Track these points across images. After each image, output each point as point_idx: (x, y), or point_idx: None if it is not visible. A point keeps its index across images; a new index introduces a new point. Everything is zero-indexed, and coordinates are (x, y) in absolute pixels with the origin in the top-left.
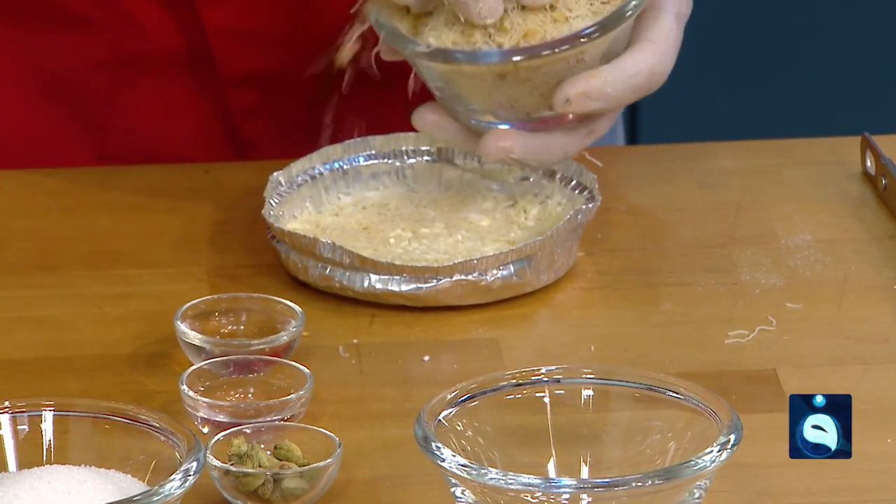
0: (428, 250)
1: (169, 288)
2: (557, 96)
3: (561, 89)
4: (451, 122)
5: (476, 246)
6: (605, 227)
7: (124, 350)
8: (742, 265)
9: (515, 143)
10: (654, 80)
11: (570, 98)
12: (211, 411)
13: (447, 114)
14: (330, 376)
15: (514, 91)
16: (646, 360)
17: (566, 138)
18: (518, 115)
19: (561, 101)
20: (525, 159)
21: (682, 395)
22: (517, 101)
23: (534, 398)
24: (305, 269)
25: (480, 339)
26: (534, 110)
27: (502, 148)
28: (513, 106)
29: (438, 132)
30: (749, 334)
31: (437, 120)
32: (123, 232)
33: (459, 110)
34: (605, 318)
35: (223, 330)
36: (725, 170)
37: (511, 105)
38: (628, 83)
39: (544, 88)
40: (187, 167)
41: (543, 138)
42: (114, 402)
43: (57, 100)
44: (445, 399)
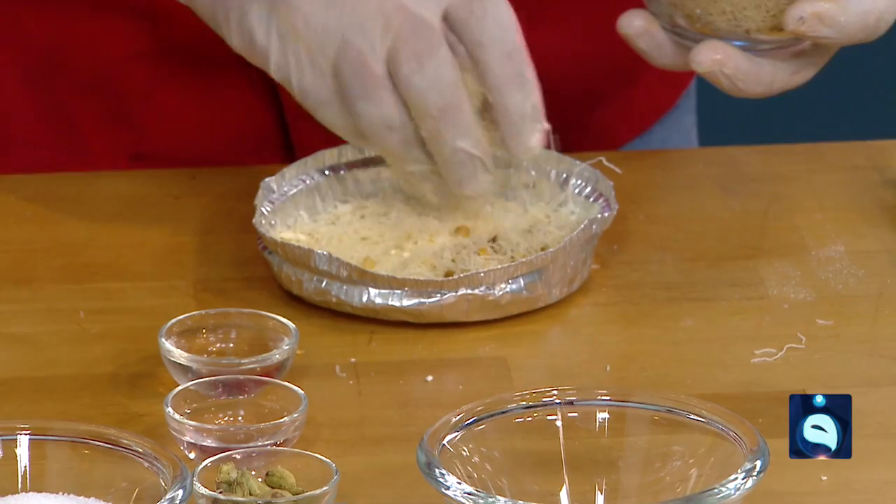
0: (431, 262)
1: (153, 303)
2: (791, 13)
3: (797, 5)
4: (660, 31)
5: (483, 258)
6: (622, 238)
7: (105, 370)
8: (769, 279)
9: (729, 57)
10: (879, 25)
11: (804, 17)
12: (198, 435)
13: (656, 23)
14: (326, 398)
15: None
16: (665, 381)
17: (775, 69)
18: (737, 30)
19: (794, 19)
20: (733, 78)
21: (705, 418)
22: (742, 12)
23: (545, 421)
24: (300, 283)
25: (488, 358)
26: (755, 28)
27: (716, 60)
28: (736, 17)
29: (644, 41)
30: (777, 353)
31: (647, 27)
32: (104, 242)
33: (675, 17)
34: (621, 336)
35: (211, 348)
36: (752, 176)
37: (734, 15)
38: (861, 18)
39: (773, 4)
40: (173, 172)
41: (756, 62)
42: (94, 425)
43: (90, 92)
44: (450, 422)
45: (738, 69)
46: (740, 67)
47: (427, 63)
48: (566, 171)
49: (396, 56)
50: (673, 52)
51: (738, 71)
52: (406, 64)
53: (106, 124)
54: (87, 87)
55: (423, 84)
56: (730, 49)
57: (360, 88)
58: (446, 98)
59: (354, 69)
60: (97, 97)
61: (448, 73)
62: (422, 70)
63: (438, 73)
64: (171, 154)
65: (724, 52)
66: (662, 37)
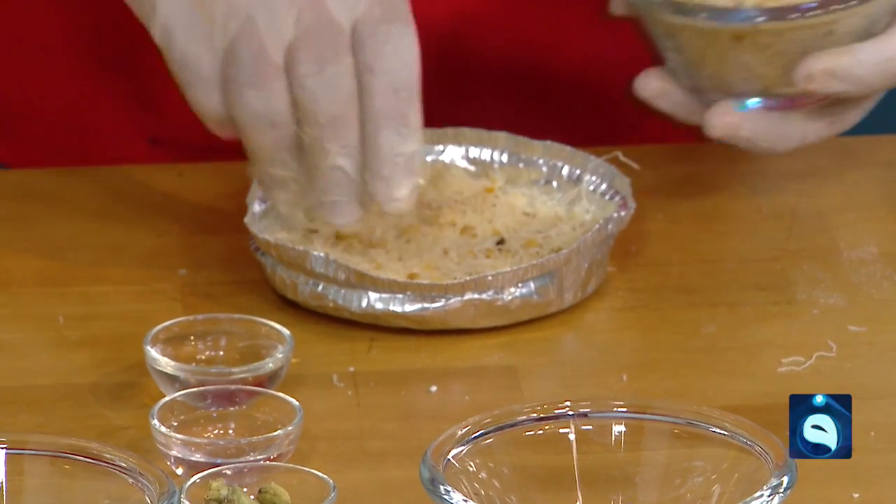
0: (435, 265)
1: (137, 308)
2: (799, 70)
3: (805, 63)
4: (677, 90)
5: (491, 260)
6: (640, 239)
7: (86, 379)
8: (798, 282)
9: (745, 119)
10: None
11: (813, 74)
12: (186, 449)
13: (674, 81)
14: (322, 409)
15: (752, 58)
16: (686, 391)
17: (805, 123)
18: (753, 88)
19: (802, 77)
20: (754, 140)
21: (728, 431)
22: (753, 71)
23: (557, 435)
24: (294, 286)
25: (496, 367)
26: (771, 84)
27: (730, 123)
28: (748, 77)
29: (664, 102)
30: (806, 361)
31: (663, 87)
32: (84, 243)
33: (688, 78)
34: (639, 343)
35: (200, 356)
36: (779, 172)
37: (746, 75)
38: (881, 68)
39: (786, 60)
40: (160, 168)
41: (779, 119)
42: (74, 438)
43: (109, 71)
44: (455, 436)
45: (757, 130)
46: (760, 127)
47: (328, 67)
48: (580, 167)
49: (298, 52)
50: (696, 109)
51: (758, 131)
52: (305, 63)
53: (123, 105)
54: (106, 64)
55: (318, 88)
56: (743, 111)
57: (252, 75)
58: (337, 108)
59: (252, 53)
60: (115, 76)
61: (346, 84)
62: (321, 73)
63: (336, 80)
64: (190, 139)
65: (738, 115)
66: (682, 96)
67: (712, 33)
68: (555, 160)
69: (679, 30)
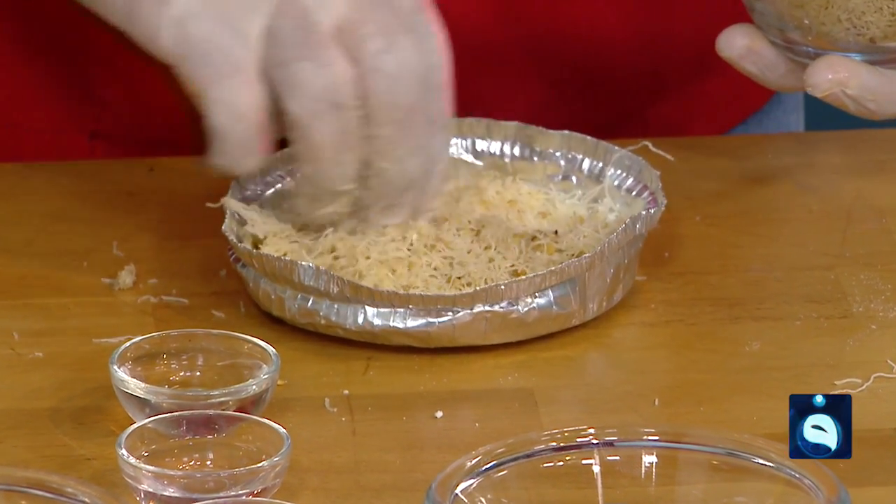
0: (439, 273)
1: (102, 322)
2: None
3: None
4: (768, 48)
5: (503, 266)
6: (673, 243)
7: (45, 403)
8: (853, 293)
9: (853, 74)
10: None
11: None
12: (158, 483)
13: (764, 38)
14: (313, 438)
15: (859, 2)
16: (727, 418)
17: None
18: (860, 40)
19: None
20: (862, 98)
21: (774, 462)
22: (861, 18)
23: (580, 466)
24: (281, 302)
25: (510, 389)
26: (881, 36)
27: (836, 80)
28: (854, 24)
29: (751, 62)
30: (863, 383)
31: (751, 45)
32: (43, 249)
33: (781, 31)
34: (673, 363)
35: (173, 377)
36: (833, 167)
37: (853, 23)
38: None
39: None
40: (128, 163)
41: (889, 77)
42: (32, 470)
43: (46, 60)
44: (464, 467)
45: (864, 87)
46: (867, 85)
47: (400, 41)
48: (602, 160)
49: (357, 27)
50: (789, 70)
51: (865, 90)
52: (372, 39)
53: (61, 99)
54: (43, 53)
55: (395, 68)
56: (851, 64)
57: (302, 46)
58: (414, 97)
59: (296, 24)
60: (51, 67)
61: (418, 65)
62: (393, 50)
63: (408, 60)
64: (136, 134)
65: (844, 69)
66: (773, 55)
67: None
68: (574, 152)
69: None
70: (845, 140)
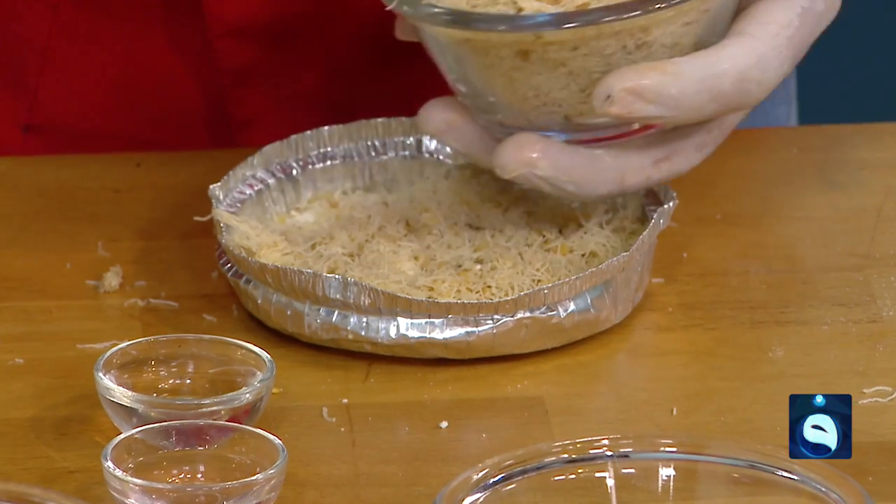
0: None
1: (86, 326)
2: (597, 90)
3: (603, 81)
4: (470, 124)
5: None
6: (691, 243)
7: (26, 413)
8: (884, 296)
9: (544, 155)
10: (745, 87)
11: (612, 94)
12: (146, 497)
13: (466, 113)
14: (310, 449)
15: (543, 80)
16: (748, 428)
17: (624, 161)
18: (554, 117)
19: (600, 98)
20: (555, 180)
21: (799, 475)
22: (548, 96)
23: (593, 479)
24: (299, 318)
25: (519, 398)
26: (574, 112)
27: (523, 160)
28: (543, 103)
29: (454, 138)
30: (893, 392)
31: (451, 119)
32: (21, 249)
33: (480, 111)
34: (691, 370)
35: (162, 385)
36: (862, 163)
37: (541, 101)
38: (705, 85)
39: (586, 81)
40: (113, 158)
41: (587, 155)
42: (12, 483)
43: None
44: (470, 481)
45: (557, 168)
46: (560, 165)
47: None
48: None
49: None
50: (492, 150)
51: (560, 170)
52: None
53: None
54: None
55: None
56: (543, 143)
57: None
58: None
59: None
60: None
61: None
62: None
63: None
64: (74, 126)
65: (533, 149)
66: (473, 131)
67: (494, 49)
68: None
69: (458, 47)
70: (875, 133)
